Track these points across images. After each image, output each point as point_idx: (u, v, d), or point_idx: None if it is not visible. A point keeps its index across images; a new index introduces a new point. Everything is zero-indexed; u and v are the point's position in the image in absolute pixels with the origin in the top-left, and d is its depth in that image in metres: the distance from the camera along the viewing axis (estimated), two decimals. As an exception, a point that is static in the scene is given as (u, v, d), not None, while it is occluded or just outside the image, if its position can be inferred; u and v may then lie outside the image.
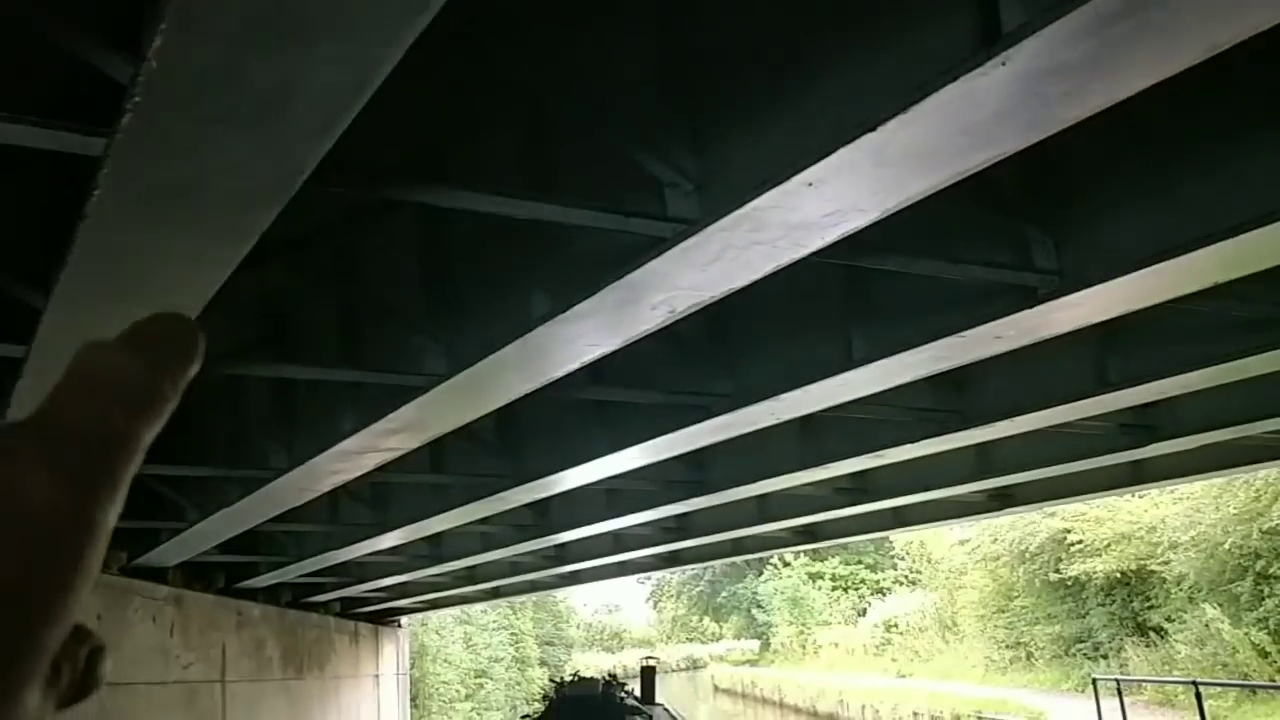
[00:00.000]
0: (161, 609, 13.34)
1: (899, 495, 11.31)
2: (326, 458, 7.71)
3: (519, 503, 10.25)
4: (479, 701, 34.30)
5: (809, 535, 15.08)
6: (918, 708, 24.12)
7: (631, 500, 11.38)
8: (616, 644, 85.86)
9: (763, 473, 9.67)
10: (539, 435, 9.19)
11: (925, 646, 35.39)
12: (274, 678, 17.43)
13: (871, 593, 50.04)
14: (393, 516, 11.70)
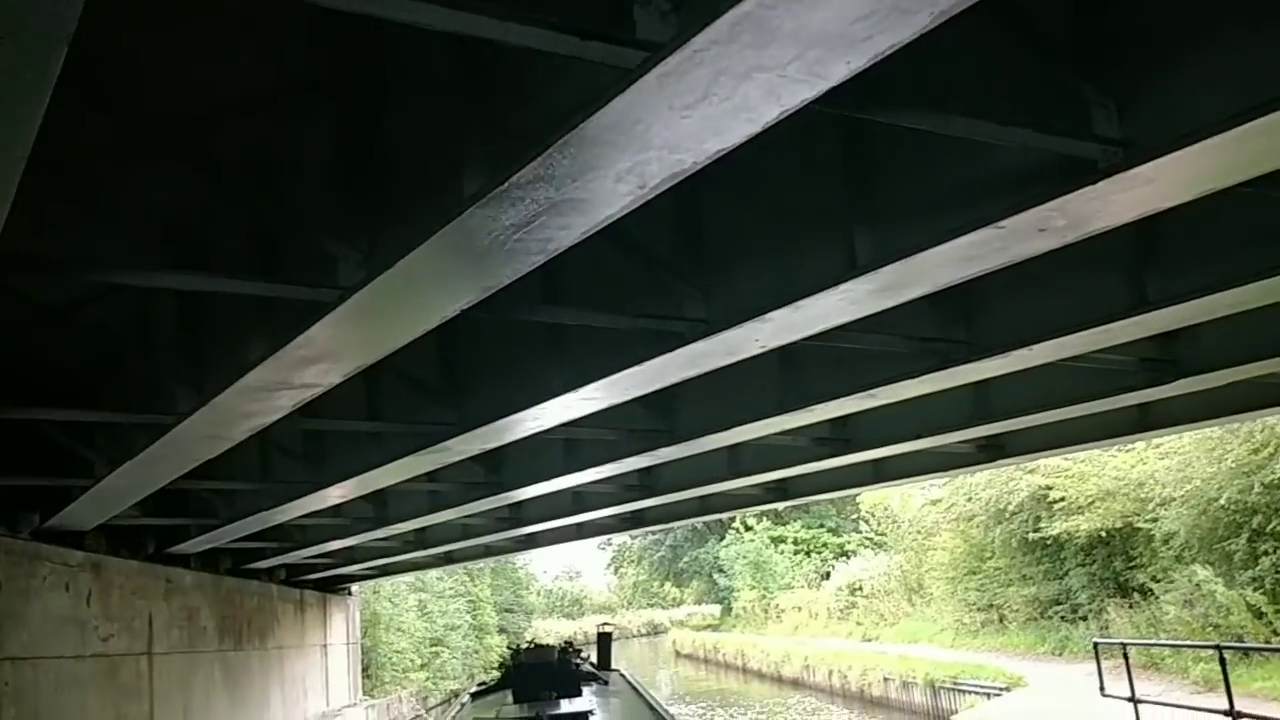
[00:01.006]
0: (76, 576, 12.14)
1: (883, 445, 10.35)
2: (235, 395, 6.60)
3: (466, 453, 9.17)
4: (434, 670, 33.30)
5: (781, 492, 14.12)
6: (887, 672, 23.41)
7: (592, 451, 10.34)
8: (577, 610, 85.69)
9: (737, 418, 8.66)
10: (485, 375, 8.13)
11: (891, 610, 34.76)
12: (209, 649, 16.31)
13: (835, 556, 49.56)
14: (329, 471, 10.58)
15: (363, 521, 14.92)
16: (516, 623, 51.06)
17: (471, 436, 8.38)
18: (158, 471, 9.19)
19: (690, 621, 71.42)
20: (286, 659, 20.78)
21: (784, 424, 8.80)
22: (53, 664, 11.39)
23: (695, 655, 52.45)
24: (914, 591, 33.95)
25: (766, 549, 52.35)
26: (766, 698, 29.39)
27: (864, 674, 24.77)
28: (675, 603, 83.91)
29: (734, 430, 8.92)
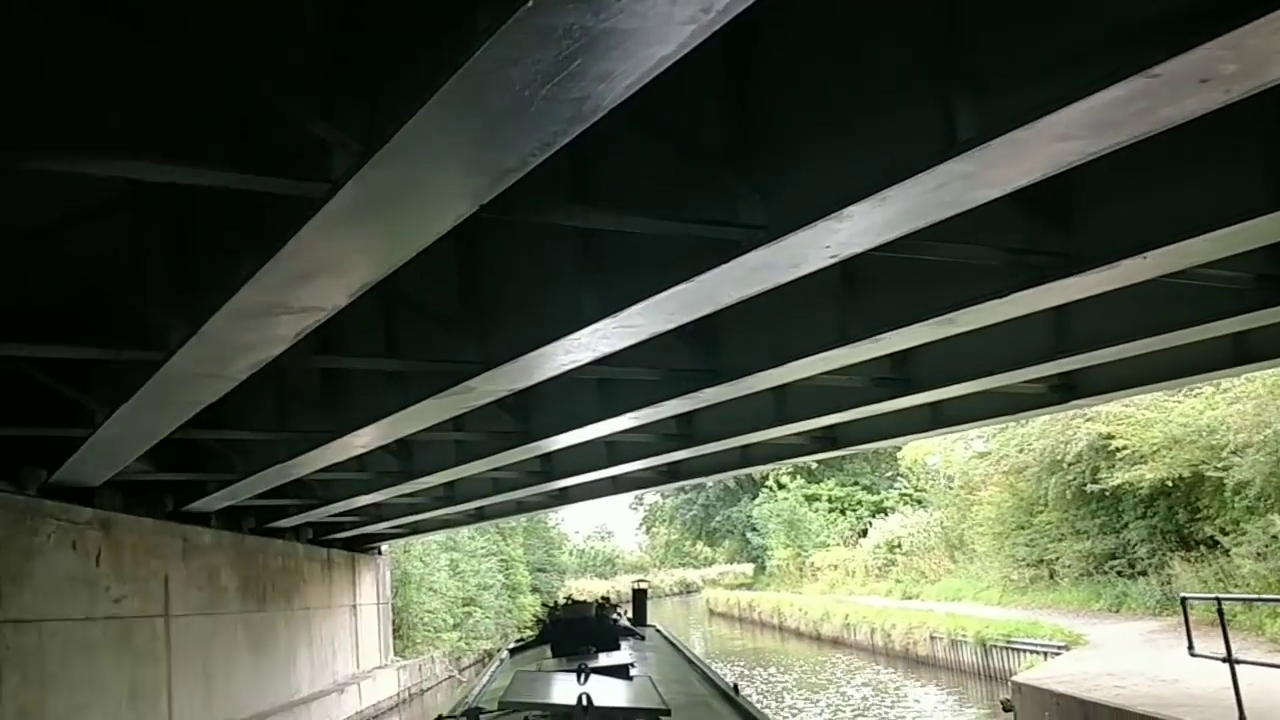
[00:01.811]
0: (84, 534, 11.49)
1: (946, 385, 9.41)
2: (227, 321, 5.81)
3: (492, 394, 8.36)
4: (467, 631, 32.76)
5: (828, 441, 13.24)
6: (934, 630, 22.57)
7: (628, 394, 9.51)
8: (610, 570, 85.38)
9: (790, 352, 7.77)
10: (511, 303, 7.29)
11: (932, 567, 33.85)
12: (230, 611, 15.71)
13: (871, 514, 48.72)
14: (347, 418, 9.79)
15: (387, 475, 14.19)
16: (549, 582, 50.60)
17: (497, 374, 7.55)
18: (157, 418, 8.45)
19: (723, 580, 71.01)
20: (314, 620, 20.23)
21: (843, 358, 7.91)
22: (60, 626, 10.76)
23: (729, 614, 51.85)
24: (956, 548, 33.04)
25: (800, 507, 51.54)
26: (806, 657, 28.67)
27: (909, 632, 23.91)
28: (707, 562, 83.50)
29: (786, 367, 8.03)
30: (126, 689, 12.06)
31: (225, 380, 7.22)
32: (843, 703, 19.53)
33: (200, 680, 14.21)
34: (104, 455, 10.00)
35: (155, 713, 12.75)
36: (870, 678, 22.89)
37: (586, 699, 4.18)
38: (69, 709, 10.73)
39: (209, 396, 7.71)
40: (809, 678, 24.02)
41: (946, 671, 21.73)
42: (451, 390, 8.03)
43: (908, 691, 20.58)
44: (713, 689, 6.97)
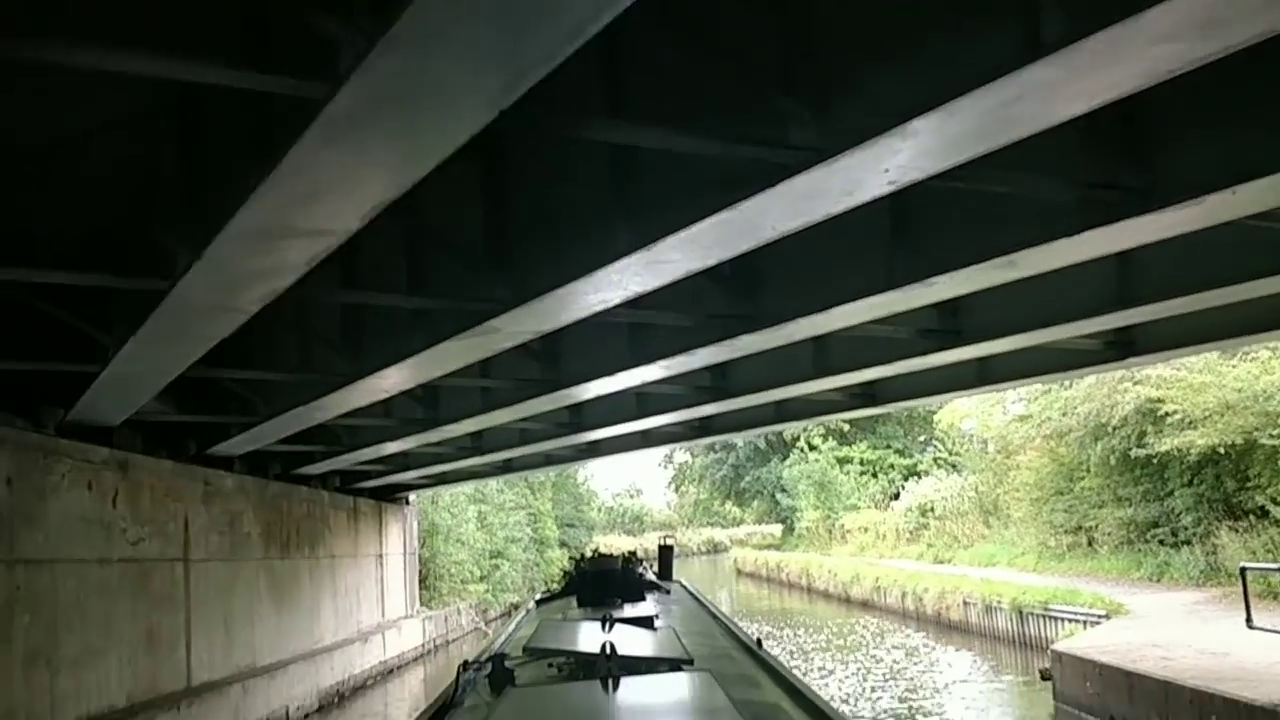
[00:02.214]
0: (100, 475, 11.22)
1: (997, 337, 8.89)
2: (234, 245, 5.41)
3: (518, 336, 7.95)
4: (494, 583, 32.65)
5: (868, 398, 12.76)
6: (968, 595, 22.09)
7: (661, 340, 9.06)
8: (638, 527, 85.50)
9: (834, 296, 7.29)
10: (540, 235, 6.83)
11: (965, 532, 33.31)
12: (252, 557, 15.50)
13: (903, 477, 48.18)
14: (370, 359, 9.41)
15: (413, 423, 13.88)
16: (577, 537, 50.55)
17: (523, 313, 7.13)
18: (170, 353, 8.10)
19: (751, 541, 70.83)
20: (339, 569, 20.06)
21: (890, 305, 7.42)
22: (73, 568, 10.52)
23: (757, 574, 51.62)
24: (990, 513, 32.48)
25: (831, 469, 51.05)
26: (835, 619, 28.30)
27: (941, 596, 23.41)
28: (735, 522, 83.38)
29: (829, 314, 7.55)
30: (143, 633, 11.85)
31: (237, 313, 6.83)
32: (873, 665, 19.16)
33: (220, 626, 14.02)
34: (119, 392, 9.69)
35: (173, 658, 12.56)
36: (901, 641, 22.49)
37: (610, 647, 4.16)
38: (82, 652, 10.51)
39: (222, 330, 7.33)
40: (838, 639, 23.66)
41: (979, 638, 21.29)
42: (476, 330, 7.62)
43: (939, 656, 20.17)
44: (736, 643, 6.94)
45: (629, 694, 3.54)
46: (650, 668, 4.38)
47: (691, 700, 3.64)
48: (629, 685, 3.63)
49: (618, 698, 3.50)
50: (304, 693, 16.28)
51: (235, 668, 14.35)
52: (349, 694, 18.48)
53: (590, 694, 3.56)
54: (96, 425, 11.29)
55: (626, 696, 3.51)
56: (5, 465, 9.61)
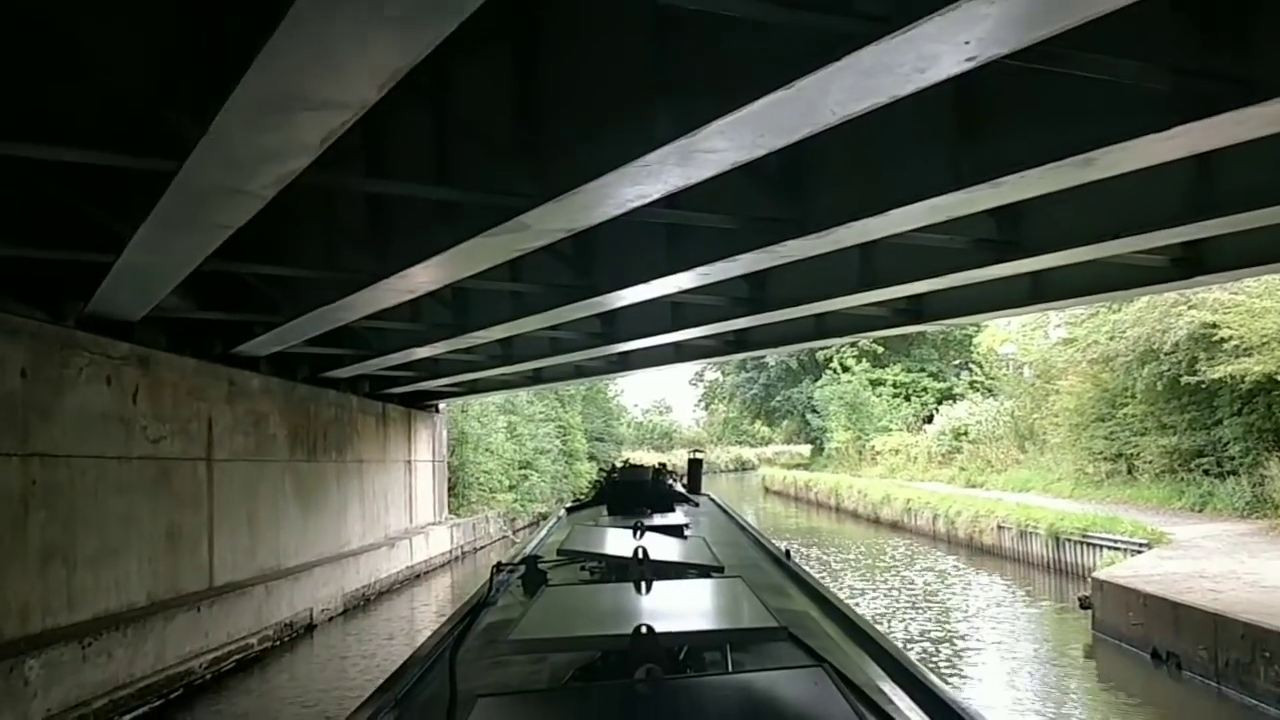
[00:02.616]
0: (120, 370, 10.95)
1: (1058, 249, 8.35)
2: (238, 117, 4.95)
3: (549, 234, 7.48)
4: (523, 493, 32.69)
5: (913, 314, 12.23)
6: (1002, 520, 21.70)
7: (702, 244, 8.58)
8: (666, 443, 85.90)
9: (891, 198, 6.77)
10: (572, 121, 6.33)
11: (1000, 456, 32.81)
12: (278, 458, 15.32)
13: (936, 401, 47.66)
14: (396, 256, 8.98)
15: (441, 328, 13.52)
16: (606, 451, 50.59)
17: (555, 209, 6.66)
18: (185, 242, 7.70)
19: (779, 460, 70.87)
20: (366, 473, 19.94)
21: (951, 208, 6.91)
22: (91, 464, 10.30)
23: (785, 492, 51.57)
24: (1025, 438, 31.96)
25: (864, 391, 50.58)
26: (864, 539, 28.07)
27: (974, 520, 23.00)
28: (764, 441, 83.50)
29: (883, 218, 7.05)
30: (164, 531, 11.69)
31: (251, 198, 6.40)
32: (904, 586, 18.91)
33: (244, 527, 13.88)
34: (137, 284, 9.34)
35: (195, 557, 12.42)
36: (932, 564, 22.22)
37: (642, 551, 4.13)
38: (100, 549, 10.35)
39: (236, 217, 6.91)
40: (867, 559, 23.43)
41: (1013, 563, 20.95)
42: (504, 227, 7.18)
43: (972, 580, 19.86)
44: (764, 554, 6.94)
45: (661, 596, 3.53)
46: (680, 573, 4.34)
47: (725, 602, 3.60)
48: (661, 588, 3.62)
49: (650, 599, 3.50)
50: (329, 595, 16.22)
51: (259, 569, 14.25)
52: (374, 598, 18.46)
53: (624, 594, 3.57)
54: (117, 320, 10.99)
55: (659, 598, 3.50)
56: (20, 356, 9.33)
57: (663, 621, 2.79)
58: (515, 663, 3.33)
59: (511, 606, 4.41)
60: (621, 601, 3.48)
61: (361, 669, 13.17)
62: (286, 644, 14.19)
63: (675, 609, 3.41)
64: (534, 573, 4.76)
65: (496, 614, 4.41)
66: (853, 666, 3.28)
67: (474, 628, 4.18)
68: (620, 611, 3.35)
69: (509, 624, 3.64)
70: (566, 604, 3.55)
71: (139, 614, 10.74)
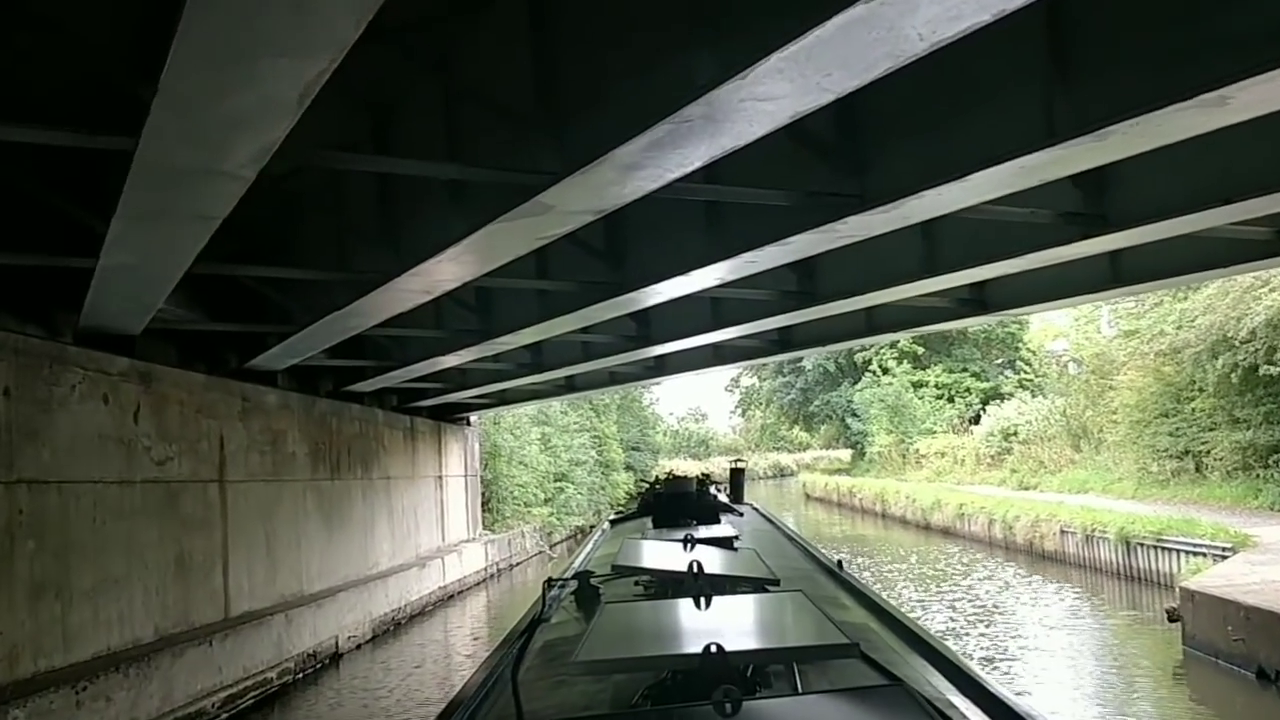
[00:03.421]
0: (118, 387, 10.15)
1: (1151, 220, 7.31)
2: (195, 67, 4.07)
3: (572, 214, 6.55)
4: (559, 506, 31.78)
5: (975, 304, 11.22)
6: (1065, 523, 20.50)
7: (749, 225, 7.64)
8: (703, 451, 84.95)
9: (970, 159, 5.79)
10: (601, 77, 5.41)
11: (1053, 456, 31.51)
12: (298, 478, 14.49)
13: (980, 401, 46.37)
14: (408, 251, 8.10)
15: (465, 334, 12.67)
16: (643, 461, 49.71)
17: (580, 183, 5.75)
18: (161, 236, 6.82)
19: (818, 465, 69.76)
20: (395, 490, 19.10)
21: (1040, 170, 5.89)
22: (87, 489, 9.49)
23: (827, 499, 50.36)
24: (1079, 437, 30.67)
25: (906, 392, 49.33)
26: (916, 546, 26.90)
27: (1035, 525, 21.83)
28: (802, 446, 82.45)
29: (960, 185, 6.06)
30: (172, 559, 10.87)
31: (228, 179, 5.52)
32: (965, 597, 17.80)
33: (261, 551, 13.06)
34: (124, 291, 8.51)
35: (208, 585, 11.60)
36: (991, 572, 21.07)
37: (697, 566, 4.08)
38: (100, 581, 9.53)
39: (216, 205, 6.04)
40: (922, 568, 22.31)
41: (1078, 569, 19.77)
42: (523, 209, 6.29)
43: (1038, 590, 18.67)
44: (816, 565, 6.87)
45: (723, 612, 3.46)
46: (735, 587, 4.27)
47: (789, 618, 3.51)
48: (721, 604, 3.55)
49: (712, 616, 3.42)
50: (356, 621, 15.35)
51: (280, 596, 13.42)
52: (405, 622, 17.57)
53: (685, 611, 3.49)
54: (116, 333, 10.19)
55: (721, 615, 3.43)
56: (2, 374, 8.51)
57: (730, 639, 2.73)
58: (578, 683, 3.27)
59: (568, 624, 4.43)
60: (683, 619, 3.43)
61: (391, 702, 12.30)
62: (310, 676, 13.31)
63: (739, 626, 3.35)
64: (587, 588, 4.81)
65: (553, 631, 4.40)
66: (922, 682, 3.19)
67: (531, 646, 4.13)
68: (684, 629, 3.31)
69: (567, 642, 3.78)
70: (628, 622, 3.48)
71: (144, 651, 9.91)
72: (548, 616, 4.64)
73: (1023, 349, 44.96)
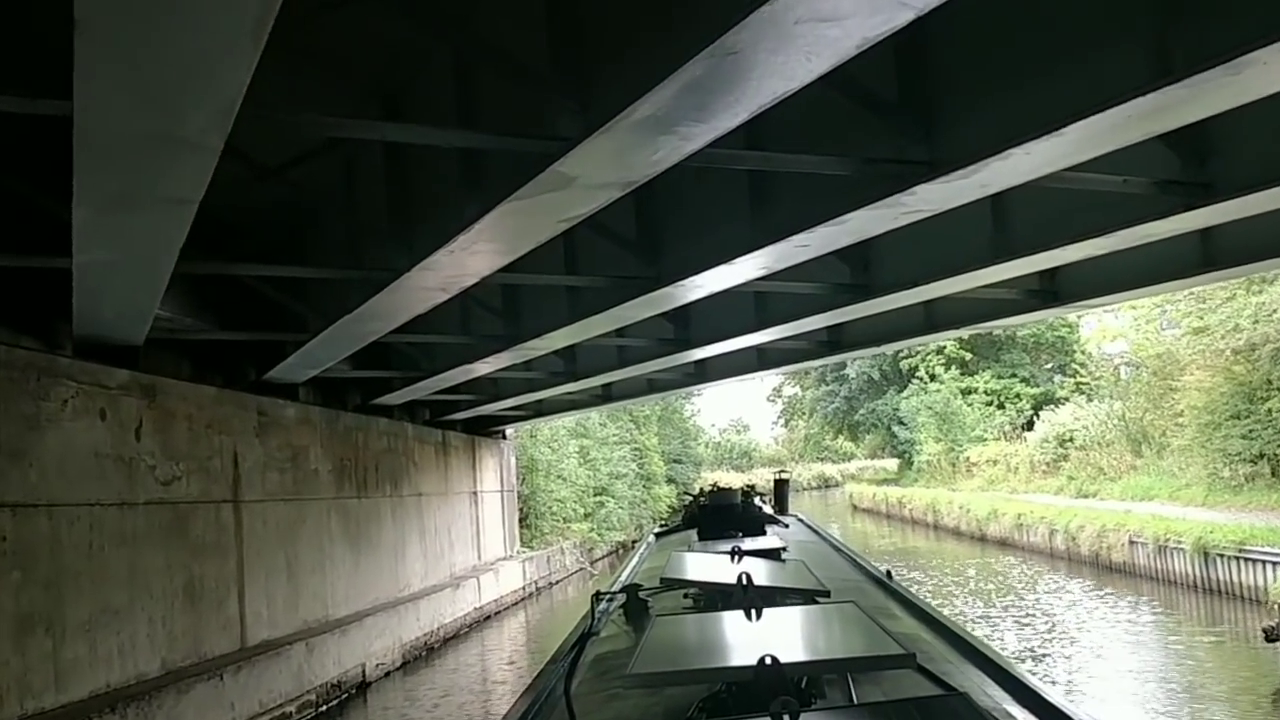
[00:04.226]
0: (117, 402, 9.42)
1: (1259, 186, 6.33)
2: None
3: (598, 187, 5.69)
4: (599, 521, 30.90)
5: (1046, 295, 10.21)
6: (1135, 533, 19.33)
7: (801, 196, 6.74)
8: (745, 463, 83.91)
9: (1069, 103, 4.87)
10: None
11: (1112, 463, 30.17)
12: (322, 496, 13.74)
13: (1031, 407, 44.97)
14: (421, 244, 7.30)
15: (493, 339, 11.87)
16: (685, 473, 48.77)
17: (602, 146, 4.89)
18: (132, 224, 6.02)
19: (863, 475, 68.53)
20: (427, 507, 18.33)
21: (1151, 118, 4.96)
22: (83, 513, 8.76)
23: (875, 510, 49.08)
24: (1140, 442, 29.35)
25: (954, 399, 47.99)
26: (971, 559, 25.76)
27: (1101, 535, 20.67)
28: (846, 457, 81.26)
29: (1053, 141, 5.12)
30: (180, 587, 10.13)
31: (194, 150, 4.70)
32: (1038, 613, 16.69)
33: (281, 575, 12.29)
34: (113, 294, 7.78)
35: (221, 614, 10.84)
36: (1057, 585, 19.94)
37: (746, 577, 4.08)
38: (97, 613, 8.78)
39: (186, 185, 5.23)
40: (981, 581, 21.20)
41: (1150, 582, 18.59)
42: (541, 182, 5.45)
43: (1112, 605, 17.48)
44: (865, 575, 6.80)
45: (775, 623, 3.46)
46: (785, 598, 4.28)
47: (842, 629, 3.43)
48: (772, 615, 3.57)
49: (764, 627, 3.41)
50: (385, 648, 14.54)
51: (302, 622, 12.66)
52: (438, 646, 16.74)
53: (736, 623, 3.49)
54: (119, 344, 9.48)
55: (772, 626, 3.42)
56: (-21, 389, 7.79)
57: (783, 651, 2.71)
58: (631, 696, 3.24)
59: (618, 637, 4.46)
60: (735, 631, 3.40)
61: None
62: (334, 709, 12.52)
63: (792, 637, 3.34)
64: (635, 601, 4.84)
65: (603, 645, 4.41)
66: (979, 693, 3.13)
67: (582, 660, 4.10)
68: (736, 641, 3.28)
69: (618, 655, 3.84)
70: (680, 634, 3.47)
71: (147, 687, 9.14)
72: (597, 630, 4.65)
73: (1077, 352, 43.45)
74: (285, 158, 8.04)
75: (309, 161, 8.27)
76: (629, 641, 3.97)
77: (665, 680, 2.97)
